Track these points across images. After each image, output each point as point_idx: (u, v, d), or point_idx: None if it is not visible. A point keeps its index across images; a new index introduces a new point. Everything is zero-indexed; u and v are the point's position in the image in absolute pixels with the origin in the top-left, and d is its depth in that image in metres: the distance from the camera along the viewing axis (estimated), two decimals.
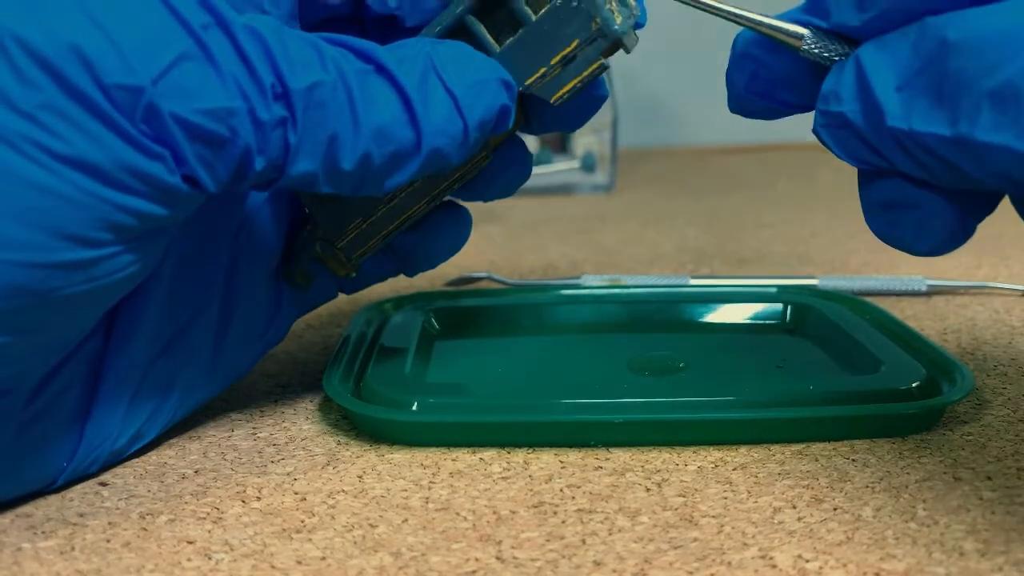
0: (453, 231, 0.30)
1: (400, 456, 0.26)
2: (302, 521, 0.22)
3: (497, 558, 0.20)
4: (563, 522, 0.22)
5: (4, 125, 0.19)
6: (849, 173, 0.23)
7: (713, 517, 0.22)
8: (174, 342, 0.25)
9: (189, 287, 0.26)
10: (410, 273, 0.31)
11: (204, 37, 0.20)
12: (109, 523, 0.22)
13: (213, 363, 0.27)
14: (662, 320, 0.36)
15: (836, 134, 0.22)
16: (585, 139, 0.72)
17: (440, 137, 0.22)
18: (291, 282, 0.29)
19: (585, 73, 0.24)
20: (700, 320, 0.36)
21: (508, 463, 0.25)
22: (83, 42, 0.19)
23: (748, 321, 0.36)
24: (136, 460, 0.25)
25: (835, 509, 0.22)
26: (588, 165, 0.73)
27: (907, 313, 0.38)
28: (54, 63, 0.19)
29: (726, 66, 0.24)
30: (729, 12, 0.23)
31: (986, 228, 0.22)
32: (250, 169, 0.21)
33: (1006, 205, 0.21)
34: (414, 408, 0.27)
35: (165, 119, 0.19)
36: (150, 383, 0.25)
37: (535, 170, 0.28)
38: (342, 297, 0.30)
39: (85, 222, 0.19)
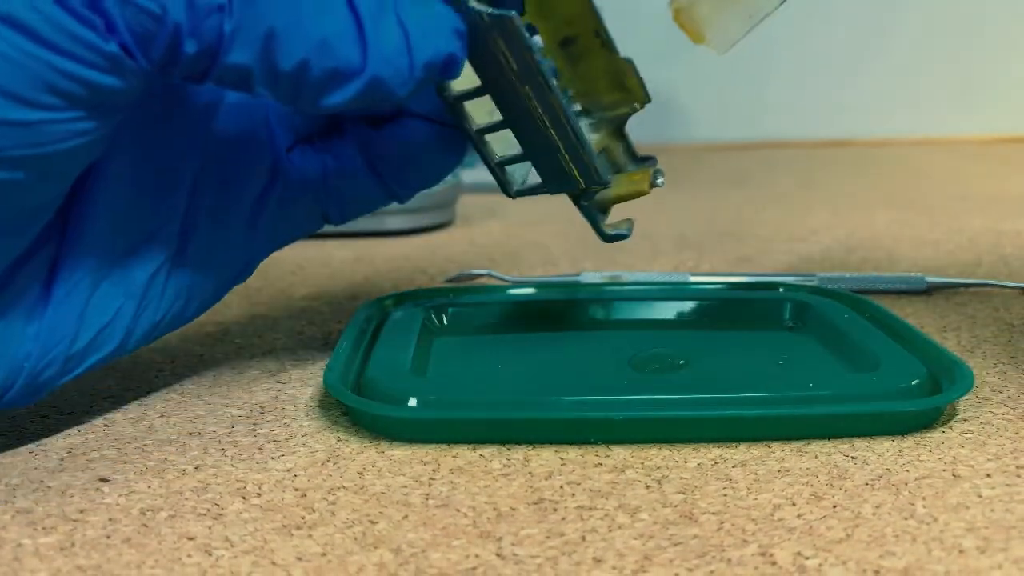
0: (438, 153, 0.29)
1: (400, 452, 0.26)
2: (302, 517, 0.22)
3: (497, 555, 0.20)
4: (563, 519, 0.22)
5: None
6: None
7: (713, 514, 0.22)
8: (134, 247, 0.26)
9: (148, 195, 0.26)
10: (401, 198, 0.30)
11: None
12: (109, 519, 0.22)
13: (169, 279, 0.27)
14: (662, 317, 0.36)
15: None
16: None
17: (385, 67, 0.23)
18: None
19: None
20: (700, 317, 0.36)
21: (508, 460, 0.25)
22: None
23: (748, 319, 0.36)
24: (136, 456, 0.25)
25: (835, 506, 0.22)
26: None
27: (907, 311, 0.38)
28: None
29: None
30: None
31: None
32: (181, 51, 0.21)
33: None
34: (414, 405, 0.27)
35: None
36: (107, 287, 0.25)
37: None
38: (342, 293, 0.30)
39: (25, 82, 0.20)
